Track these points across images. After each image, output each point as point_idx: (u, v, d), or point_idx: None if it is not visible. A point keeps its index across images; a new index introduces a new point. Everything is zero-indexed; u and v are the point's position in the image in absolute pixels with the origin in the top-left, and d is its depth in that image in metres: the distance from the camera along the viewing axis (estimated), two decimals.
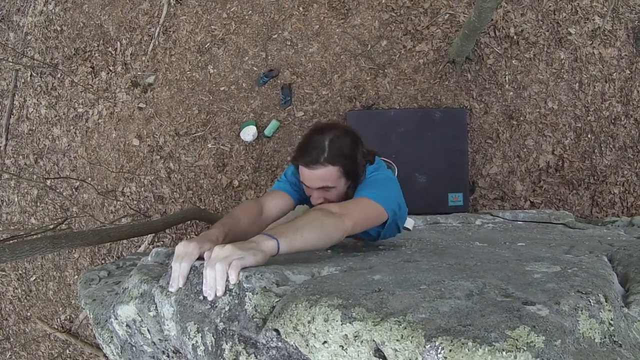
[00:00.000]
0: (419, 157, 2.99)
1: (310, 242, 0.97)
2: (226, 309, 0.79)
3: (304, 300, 0.68)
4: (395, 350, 0.58)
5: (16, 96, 3.89)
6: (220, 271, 0.78)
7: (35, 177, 3.80)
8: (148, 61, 3.28)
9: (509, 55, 3.23)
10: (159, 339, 0.96)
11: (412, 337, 0.57)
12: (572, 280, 0.70)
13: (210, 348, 0.78)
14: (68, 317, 3.75)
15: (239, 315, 0.77)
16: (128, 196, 3.28)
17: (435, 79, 3.17)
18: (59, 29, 3.65)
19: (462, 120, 3.10)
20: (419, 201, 3.06)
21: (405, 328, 0.58)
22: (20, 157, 3.87)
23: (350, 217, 1.10)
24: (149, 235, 3.19)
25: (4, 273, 4.10)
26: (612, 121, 3.14)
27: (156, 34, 3.25)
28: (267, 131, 3.01)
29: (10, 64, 3.88)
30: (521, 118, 3.19)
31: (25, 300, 3.97)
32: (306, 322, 0.66)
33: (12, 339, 3.98)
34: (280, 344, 0.70)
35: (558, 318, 0.59)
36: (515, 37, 3.22)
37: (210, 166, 3.09)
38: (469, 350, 0.53)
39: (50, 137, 3.67)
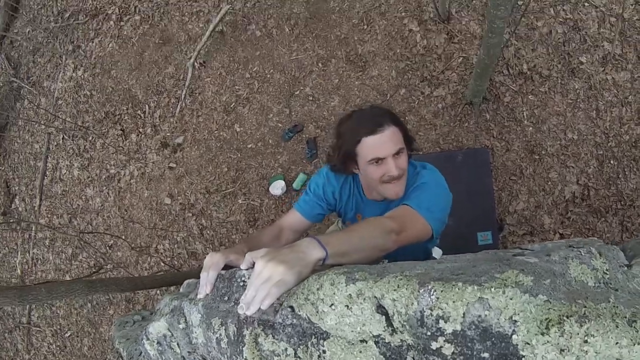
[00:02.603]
0: None
1: (356, 259, 0.90)
2: None
3: (314, 275, 0.75)
4: (394, 299, 0.63)
5: (49, 158, 4.05)
6: (260, 297, 0.76)
7: (70, 232, 3.92)
8: (176, 122, 3.41)
9: (525, 91, 3.29)
10: (188, 352, 1.00)
11: (407, 285, 0.63)
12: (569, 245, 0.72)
13: (232, 337, 0.83)
14: None
15: None
16: (162, 253, 3.36)
17: (455, 122, 3.23)
18: (88, 93, 3.83)
19: (485, 160, 3.14)
20: (448, 243, 3.09)
21: (401, 279, 0.64)
22: (55, 216, 4.00)
23: (403, 237, 1.01)
24: None
25: (39, 329, 4.18)
26: (633, 144, 3.15)
27: (183, 96, 3.39)
28: (296, 184, 3.09)
29: (43, 127, 4.06)
30: (543, 152, 3.23)
31: (60, 356, 4.03)
32: (315, 290, 0.71)
33: None
34: (294, 320, 0.75)
35: (548, 264, 0.62)
36: (528, 72, 3.29)
37: (241, 221, 3.17)
38: (459, 289, 0.58)
39: (83, 197, 3.80)
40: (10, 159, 4.37)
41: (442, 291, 0.59)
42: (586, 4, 3.23)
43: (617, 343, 0.51)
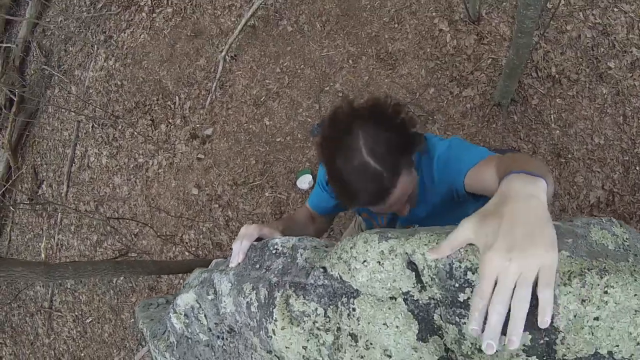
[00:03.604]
0: None
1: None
2: (280, 267, 0.85)
3: (347, 237, 0.77)
4: (424, 254, 0.65)
5: (78, 146, 4.13)
6: (520, 318, 0.52)
7: (97, 216, 3.99)
8: (206, 114, 3.46)
9: (553, 95, 3.29)
10: (215, 323, 1.01)
11: (437, 240, 0.65)
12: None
13: (263, 300, 0.84)
14: (122, 359, 3.86)
15: (291, 269, 0.83)
16: (187, 243, 3.42)
17: (483, 123, 3.23)
18: (119, 83, 3.89)
19: None
20: None
21: (432, 236, 0.66)
22: (81, 203, 4.08)
23: None
24: None
25: (60, 314, 4.26)
26: None
27: (213, 88, 3.43)
28: None
29: (73, 115, 4.14)
30: (569, 155, 3.22)
31: (80, 341, 4.10)
32: (349, 249, 0.73)
33: None
34: (326, 281, 0.76)
35: (570, 227, 0.65)
36: (557, 76, 3.28)
37: (267, 214, 3.20)
38: None
39: (110, 185, 3.87)
40: (39, 145, 4.46)
41: (470, 244, 0.61)
42: (615, 9, 3.21)
43: (635, 295, 0.53)
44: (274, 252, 0.89)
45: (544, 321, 0.52)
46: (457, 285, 0.62)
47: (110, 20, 4.06)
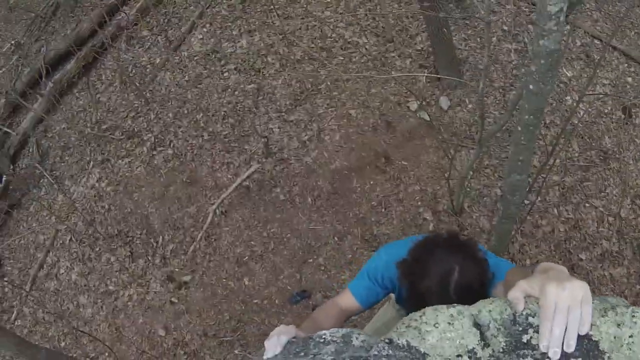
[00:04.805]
0: None
1: None
2: (332, 350, 0.82)
3: (414, 312, 0.88)
4: (490, 310, 0.79)
5: (50, 253, 4.09)
6: (574, 325, 0.70)
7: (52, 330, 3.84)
8: (187, 261, 3.56)
9: None
10: None
11: (499, 300, 0.81)
12: None
13: None
14: None
15: (348, 350, 0.81)
16: None
17: None
18: (106, 207, 3.97)
19: None
20: None
21: (493, 300, 0.82)
22: (40, 311, 3.96)
23: None
24: None
25: None
26: None
27: (198, 238, 3.56)
28: None
29: (54, 220, 4.13)
30: None
31: None
32: (417, 317, 0.84)
33: None
34: (390, 351, 0.80)
35: None
36: None
37: None
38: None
39: (75, 302, 3.82)
40: (10, 238, 4.37)
41: (528, 296, 0.78)
42: (587, 205, 3.45)
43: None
44: (321, 341, 0.85)
45: (583, 329, 0.71)
46: (520, 329, 0.76)
47: (112, 144, 4.21)
